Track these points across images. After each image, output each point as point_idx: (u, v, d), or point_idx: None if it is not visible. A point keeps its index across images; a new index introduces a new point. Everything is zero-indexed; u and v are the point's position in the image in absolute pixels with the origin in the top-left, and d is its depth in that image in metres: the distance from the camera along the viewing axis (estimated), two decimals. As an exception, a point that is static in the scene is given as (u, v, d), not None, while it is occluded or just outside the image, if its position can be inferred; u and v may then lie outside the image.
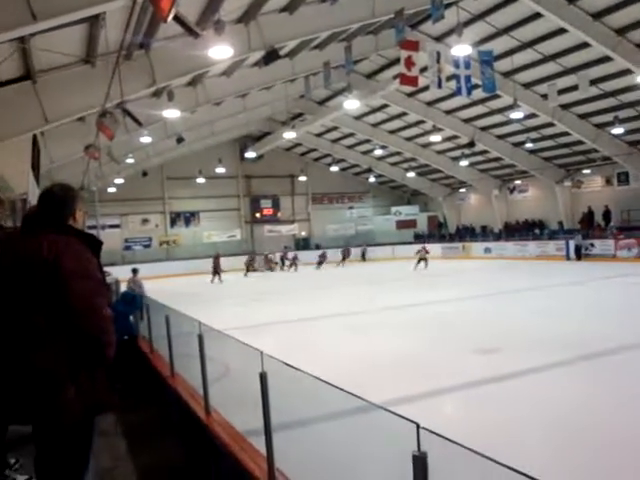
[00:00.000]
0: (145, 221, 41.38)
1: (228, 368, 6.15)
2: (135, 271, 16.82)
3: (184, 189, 41.75)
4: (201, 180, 40.95)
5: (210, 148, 38.88)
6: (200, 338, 5.54)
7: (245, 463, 4.03)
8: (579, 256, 29.62)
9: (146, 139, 24.06)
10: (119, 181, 35.24)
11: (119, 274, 16.65)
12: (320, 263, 35.95)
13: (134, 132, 20.40)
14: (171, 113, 19.51)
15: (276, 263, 37.98)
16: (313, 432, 4.60)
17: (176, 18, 8.76)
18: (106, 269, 4.50)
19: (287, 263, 37.61)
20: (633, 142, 29.42)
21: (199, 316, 6.12)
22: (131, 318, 9.66)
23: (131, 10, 10.72)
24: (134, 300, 9.78)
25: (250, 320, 14.71)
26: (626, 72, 21.61)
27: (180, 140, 26.14)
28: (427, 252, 30.29)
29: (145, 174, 37.27)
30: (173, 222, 42.27)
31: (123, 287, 15.13)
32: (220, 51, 13.49)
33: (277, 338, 11.73)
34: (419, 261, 29.94)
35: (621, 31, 19.97)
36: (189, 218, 42.57)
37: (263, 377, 3.98)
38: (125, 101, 14.15)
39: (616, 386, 7.46)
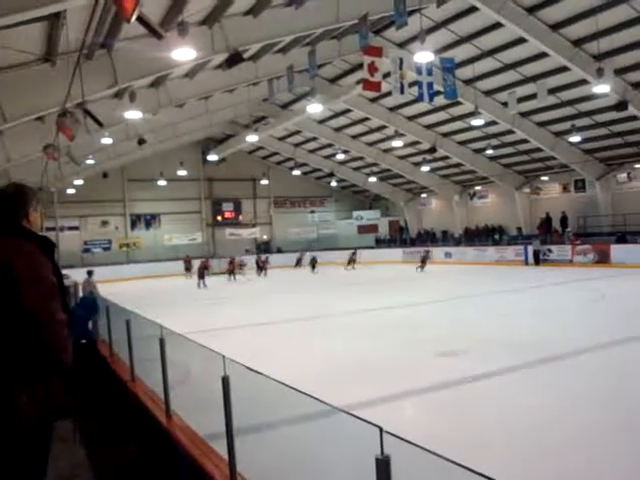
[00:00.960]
0: (105, 223, 40.70)
1: (190, 372, 6.10)
2: (90, 273, 16.96)
3: (145, 191, 41.26)
4: (162, 182, 40.51)
5: (172, 150, 38.50)
6: (161, 342, 5.48)
7: (206, 467, 4.00)
8: (537, 261, 30.15)
9: (107, 140, 23.73)
10: (79, 182, 34.61)
11: (78, 277, 16.42)
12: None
13: (95, 133, 20.06)
14: (133, 114, 19.29)
15: (242, 266, 37.21)
16: (276, 436, 4.58)
17: (139, 19, 8.66)
18: (65, 272, 4.42)
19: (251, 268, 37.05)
20: (589, 150, 30.20)
21: (160, 319, 6.06)
22: (90, 322, 9.51)
23: (93, 9, 10.60)
24: (93, 304, 9.63)
25: (212, 324, 14.60)
26: (583, 82, 22.18)
27: (141, 142, 25.84)
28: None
29: (105, 175, 36.75)
30: (134, 224, 41.69)
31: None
32: (183, 53, 13.41)
33: (239, 342, 11.65)
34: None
35: (578, 42, 20.53)
36: (150, 221, 42.04)
37: (225, 381, 3.96)
38: (86, 101, 13.94)
39: (574, 388, 7.61)
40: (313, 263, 35.49)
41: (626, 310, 14.21)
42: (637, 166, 30.06)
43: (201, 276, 28.97)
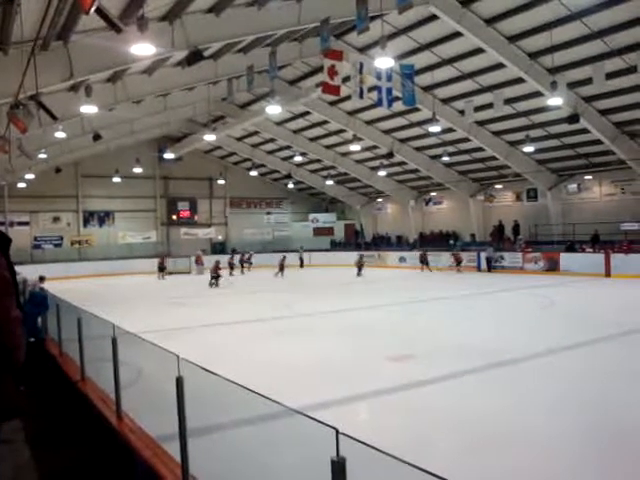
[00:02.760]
0: (56, 219, 39.72)
1: (142, 372, 5.99)
2: (42, 279, 15.99)
3: (99, 188, 40.46)
4: (117, 179, 39.75)
5: (128, 147, 37.93)
6: (114, 341, 5.37)
7: (158, 469, 3.93)
8: (490, 268, 30.68)
9: (61, 134, 23.15)
10: (30, 177, 33.73)
11: (28, 273, 15.93)
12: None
13: (48, 126, 19.61)
14: (88, 109, 18.88)
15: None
16: (230, 437, 4.53)
17: (98, 11, 8.51)
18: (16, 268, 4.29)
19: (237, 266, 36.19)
20: (542, 161, 30.94)
21: (113, 319, 5.94)
22: (39, 320, 9.26)
23: (50, -2, 10.32)
24: (43, 301, 9.37)
25: (167, 324, 14.43)
26: (537, 94, 22.69)
27: (97, 137, 25.29)
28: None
29: (58, 170, 35.86)
30: (86, 221, 40.78)
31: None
32: (142, 48, 13.17)
33: (195, 343, 11.52)
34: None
35: (533, 55, 21.05)
36: (103, 218, 41.20)
37: (179, 381, 3.90)
38: (40, 93, 13.60)
39: (523, 393, 7.76)
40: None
41: (574, 317, 14.61)
42: (587, 177, 30.95)
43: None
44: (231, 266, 34.89)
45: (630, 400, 7.31)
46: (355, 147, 32.51)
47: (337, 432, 2.23)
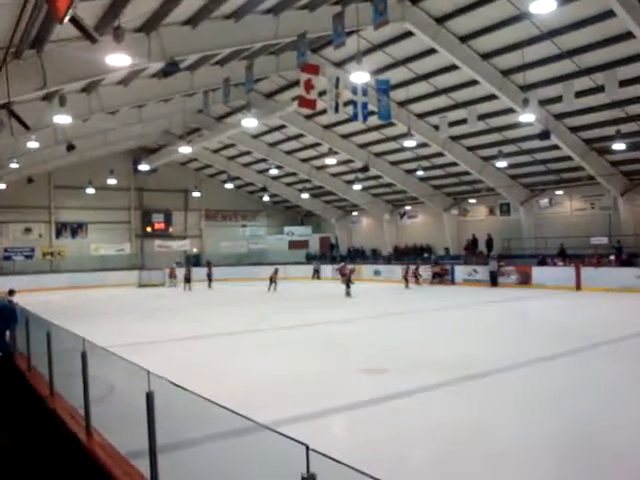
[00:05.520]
0: (28, 230, 39.03)
1: (113, 387, 5.92)
2: (12, 292, 15.56)
3: (72, 199, 39.89)
4: (91, 190, 39.26)
5: (102, 158, 37.54)
6: (83, 356, 5.31)
7: (128, 487, 3.87)
8: (495, 282, 29.79)
9: (33, 144, 22.92)
10: (1, 186, 33.29)
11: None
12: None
13: (21, 136, 19.37)
14: (62, 119, 18.72)
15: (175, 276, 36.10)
16: (200, 453, 4.50)
17: (73, 20, 8.46)
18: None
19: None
20: (514, 176, 31.36)
21: (85, 332, 5.86)
22: (7, 334, 9.09)
23: (23, 6, 10.23)
24: (12, 314, 9.20)
25: (140, 337, 14.27)
26: (510, 110, 23.05)
27: (70, 148, 25.03)
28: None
29: (30, 181, 35.40)
30: (59, 233, 40.11)
31: None
32: (118, 59, 13.15)
33: (166, 357, 11.41)
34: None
35: (506, 73, 21.46)
36: (76, 229, 40.58)
37: (149, 397, 3.86)
38: (12, 102, 13.44)
39: (497, 404, 7.81)
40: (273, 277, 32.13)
41: (546, 329, 14.77)
42: (558, 193, 31.43)
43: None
44: (209, 278, 34.76)
45: (602, 412, 7.39)
46: (331, 161, 32.65)
47: (307, 448, 2.22)
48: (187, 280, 33.05)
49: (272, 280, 31.14)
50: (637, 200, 28.03)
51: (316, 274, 40.21)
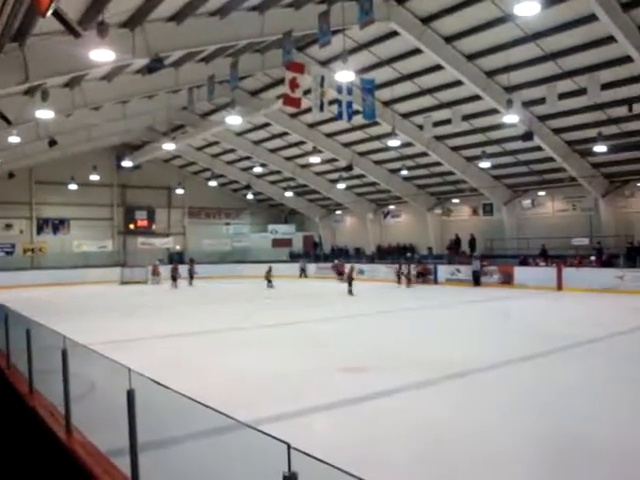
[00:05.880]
0: (8, 226, 38.56)
1: (94, 385, 5.88)
2: None
3: (54, 195, 39.49)
4: (73, 186, 38.91)
5: (85, 154, 37.15)
6: (64, 353, 5.26)
7: (109, 485, 3.85)
8: (477, 281, 29.94)
9: (15, 139, 22.64)
10: (-20, 181, 32.90)
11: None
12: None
13: (2, 130, 19.15)
14: (44, 114, 18.49)
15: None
16: (182, 451, 4.48)
17: (56, 14, 8.39)
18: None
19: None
20: (498, 176, 31.58)
21: (67, 329, 5.81)
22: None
23: None
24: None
25: (122, 335, 14.16)
26: (494, 111, 23.21)
27: (53, 143, 24.78)
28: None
29: (12, 176, 34.99)
30: (40, 229, 39.66)
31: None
32: (102, 54, 13.04)
33: (148, 355, 11.34)
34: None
35: (491, 74, 21.62)
36: (58, 225, 40.16)
37: (130, 395, 3.84)
38: (-7, 97, 13.29)
39: (479, 404, 7.86)
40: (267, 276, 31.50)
41: (528, 329, 14.91)
42: (540, 193, 31.74)
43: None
44: (191, 275, 34.58)
45: (584, 411, 7.48)
46: (315, 159, 32.68)
47: (289, 447, 2.22)
48: (173, 278, 32.85)
49: (268, 279, 31.03)
50: (618, 202, 28.37)
51: (302, 272, 40.19)
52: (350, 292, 25.79)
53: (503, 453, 6.07)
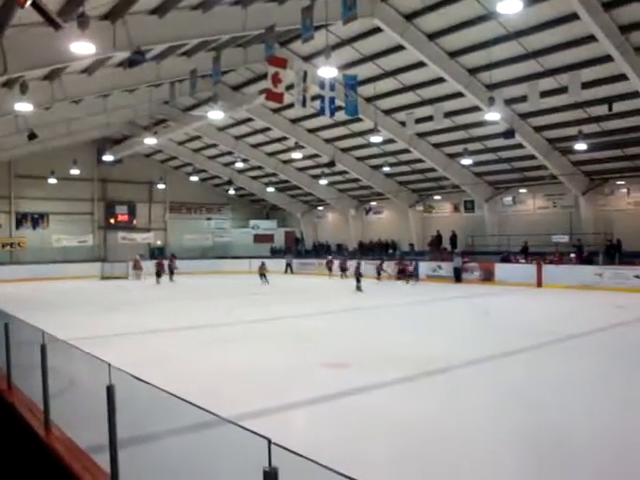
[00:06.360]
0: (-13, 221, 38.16)
1: (74, 381, 5.83)
2: None
3: (33, 189, 39.01)
4: (53, 181, 38.49)
5: (65, 148, 36.75)
6: (43, 348, 5.20)
7: (88, 482, 3.81)
8: (458, 278, 30.20)
9: (-7, 132, 22.37)
10: (-42, 175, 32.42)
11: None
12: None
13: (-21, 123, 18.89)
14: (23, 107, 18.23)
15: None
16: (162, 447, 4.45)
17: (35, 5, 8.28)
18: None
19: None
20: (479, 173, 31.76)
21: (46, 324, 5.75)
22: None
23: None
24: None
25: (100, 330, 14.03)
26: (476, 109, 23.33)
27: (32, 136, 24.46)
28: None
29: (-11, 169, 34.57)
30: (19, 223, 39.17)
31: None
32: (82, 47, 12.88)
33: (129, 350, 11.25)
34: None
35: (473, 71, 21.71)
36: (38, 220, 39.70)
37: (110, 390, 3.80)
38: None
39: (459, 399, 7.91)
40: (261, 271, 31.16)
41: (508, 325, 15.06)
42: (522, 191, 31.99)
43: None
44: (172, 271, 34.34)
45: (567, 406, 7.54)
46: (297, 155, 32.64)
47: (269, 442, 2.22)
48: (158, 274, 32.61)
49: (262, 275, 30.79)
50: (597, 200, 28.68)
51: (289, 268, 40.12)
52: (359, 288, 25.57)
53: (486, 448, 6.10)
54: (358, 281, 26.09)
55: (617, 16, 16.98)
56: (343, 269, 33.08)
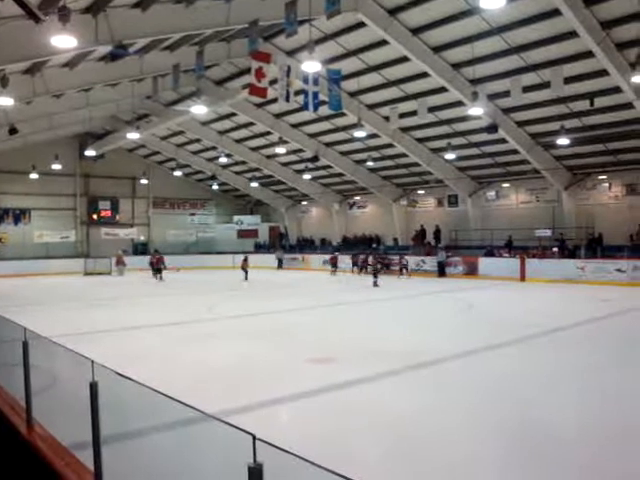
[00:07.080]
0: (-33, 217, 37.69)
1: (56, 378, 5.78)
2: None
3: (15, 184, 38.56)
4: (35, 176, 38.06)
5: (47, 142, 36.38)
6: (24, 345, 5.15)
7: (71, 480, 3.78)
8: (443, 272, 30.36)
9: (-28, 126, 22.09)
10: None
11: None
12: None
13: (-42, 117, 18.64)
14: (4, 101, 18.05)
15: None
16: (146, 444, 4.43)
17: (15, -1, 8.17)
18: None
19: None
20: (463, 168, 31.91)
21: (26, 321, 5.70)
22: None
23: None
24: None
25: (83, 327, 13.93)
26: (459, 103, 23.41)
27: (13, 131, 24.19)
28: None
29: (-30, 164, 34.13)
30: (0, 219, 38.77)
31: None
32: (63, 40, 12.75)
33: (112, 347, 11.18)
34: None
35: (456, 66, 21.77)
36: (19, 216, 39.27)
37: (93, 387, 3.77)
38: (-50, 83, 12.91)
39: (444, 393, 7.95)
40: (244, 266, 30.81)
41: (492, 319, 15.19)
42: (505, 185, 32.20)
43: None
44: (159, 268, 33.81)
45: (550, 400, 7.60)
46: (281, 150, 32.60)
47: (254, 438, 2.21)
48: (158, 270, 31.07)
49: (244, 269, 30.54)
50: (580, 194, 28.94)
51: (279, 263, 40.06)
52: (375, 284, 25.18)
53: (473, 442, 6.12)
54: (375, 277, 25.74)
55: (598, 12, 17.10)
56: (334, 265, 33.26)
